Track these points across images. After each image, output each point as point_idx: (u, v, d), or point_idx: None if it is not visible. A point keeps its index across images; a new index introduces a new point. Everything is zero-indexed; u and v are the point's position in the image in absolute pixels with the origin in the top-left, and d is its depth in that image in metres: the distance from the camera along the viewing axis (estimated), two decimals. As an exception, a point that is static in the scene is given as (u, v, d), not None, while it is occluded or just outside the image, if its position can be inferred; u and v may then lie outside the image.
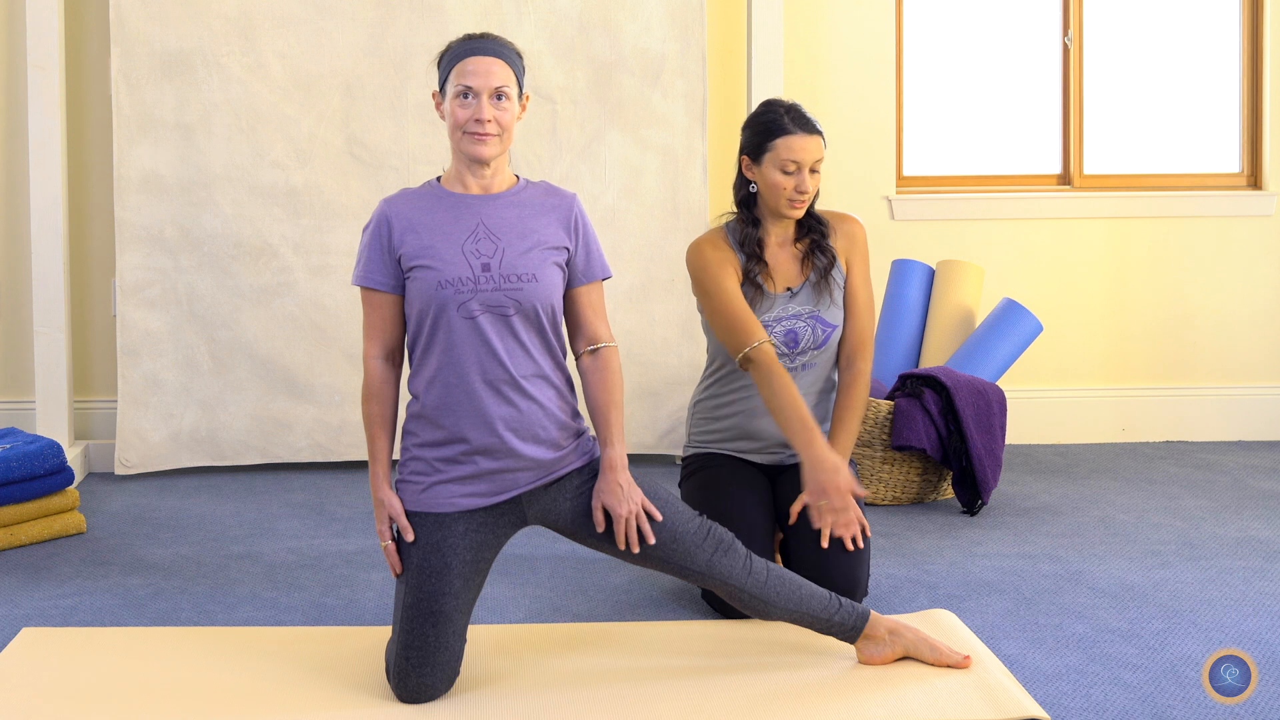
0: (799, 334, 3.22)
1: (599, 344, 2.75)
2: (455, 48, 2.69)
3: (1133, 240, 4.99)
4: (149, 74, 4.45)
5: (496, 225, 2.68)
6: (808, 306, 3.24)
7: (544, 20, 4.54)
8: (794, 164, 3.16)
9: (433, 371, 2.64)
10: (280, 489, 4.34)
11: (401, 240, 2.65)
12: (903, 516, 4.03)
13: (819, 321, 3.23)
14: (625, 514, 2.67)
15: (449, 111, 2.67)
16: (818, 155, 3.18)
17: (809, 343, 3.23)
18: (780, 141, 3.16)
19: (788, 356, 3.22)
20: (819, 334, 3.23)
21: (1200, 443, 4.97)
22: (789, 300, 3.24)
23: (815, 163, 3.18)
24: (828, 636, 2.81)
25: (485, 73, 2.64)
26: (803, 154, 3.16)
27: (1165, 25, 5.06)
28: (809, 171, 3.18)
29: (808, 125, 3.18)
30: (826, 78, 4.86)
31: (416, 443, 2.68)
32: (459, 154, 2.70)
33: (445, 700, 2.62)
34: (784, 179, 3.17)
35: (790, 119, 3.17)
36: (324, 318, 4.54)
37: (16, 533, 3.67)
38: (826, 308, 3.25)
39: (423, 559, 2.62)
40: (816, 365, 3.26)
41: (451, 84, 2.66)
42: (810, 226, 3.29)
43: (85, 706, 2.59)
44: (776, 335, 3.21)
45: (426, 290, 2.62)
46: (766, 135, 3.19)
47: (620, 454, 2.70)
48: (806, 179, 3.18)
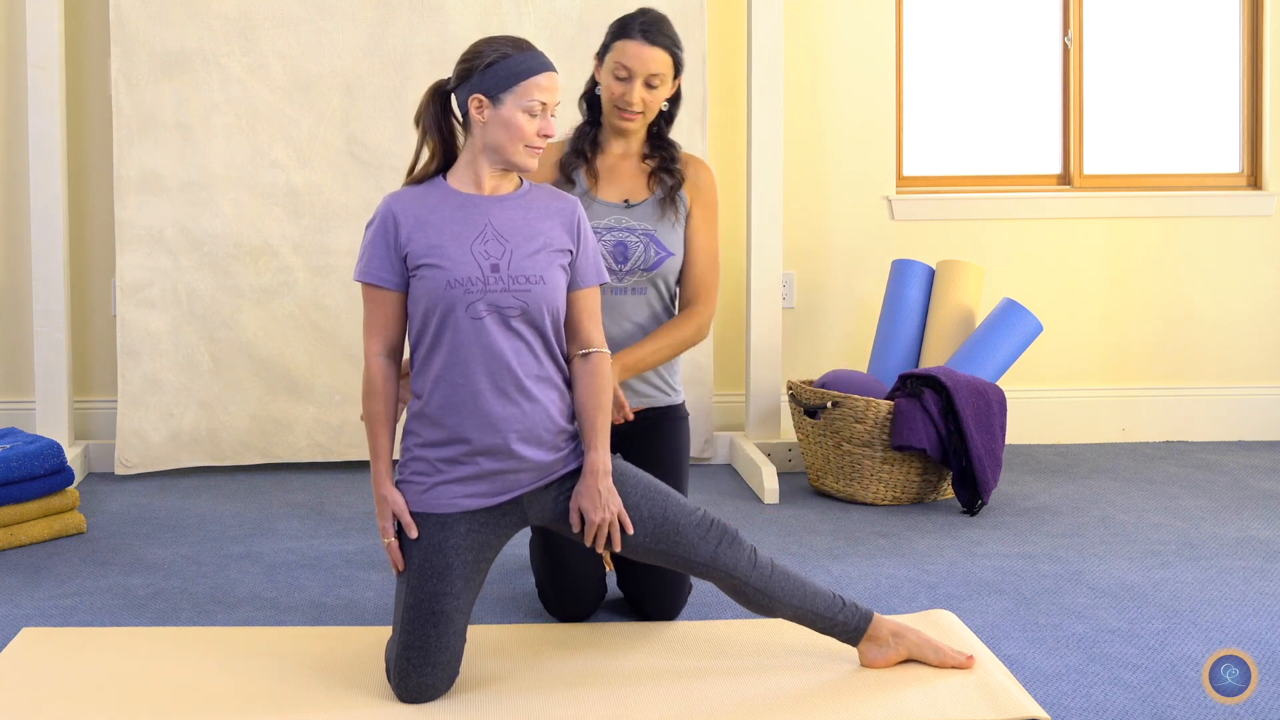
0: (629, 248, 3.07)
1: (591, 348, 2.75)
2: (520, 59, 2.64)
3: (1133, 240, 4.99)
4: (149, 74, 4.45)
5: (504, 226, 2.68)
6: (644, 224, 3.09)
7: (544, 20, 4.54)
8: (625, 70, 3.03)
9: (437, 371, 2.64)
10: (280, 489, 4.34)
11: (409, 238, 2.65)
12: (903, 516, 4.03)
13: (653, 241, 3.07)
14: (598, 520, 2.67)
15: (508, 121, 2.63)
16: (655, 69, 3.01)
17: (639, 261, 3.07)
18: (618, 44, 3.05)
19: (615, 274, 3.05)
20: (651, 254, 3.07)
21: (1200, 443, 4.97)
22: (623, 211, 3.09)
23: (652, 77, 3.02)
24: (828, 637, 2.80)
25: (555, 89, 2.66)
26: (635, 62, 3.01)
27: (1165, 25, 5.06)
28: (644, 85, 3.03)
29: (651, 34, 3.02)
30: (826, 78, 4.86)
31: (418, 443, 2.68)
32: (498, 160, 2.68)
33: (445, 700, 2.62)
34: (614, 84, 3.05)
35: (639, 24, 3.03)
36: (324, 318, 4.54)
37: (16, 533, 3.67)
38: (666, 232, 3.09)
39: (424, 559, 2.62)
40: (647, 293, 3.10)
41: (521, 96, 2.63)
42: (662, 146, 3.13)
43: (85, 706, 2.59)
44: (605, 245, 3.05)
45: (434, 289, 2.62)
46: (611, 36, 3.07)
47: (603, 459, 2.69)
48: (636, 90, 3.02)
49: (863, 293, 4.89)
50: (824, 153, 4.87)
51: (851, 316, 4.91)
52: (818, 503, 4.19)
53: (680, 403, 3.20)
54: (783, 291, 4.66)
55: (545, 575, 3.05)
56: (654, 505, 2.71)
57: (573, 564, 2.99)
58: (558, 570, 3.01)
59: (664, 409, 3.16)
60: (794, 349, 4.84)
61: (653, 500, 2.72)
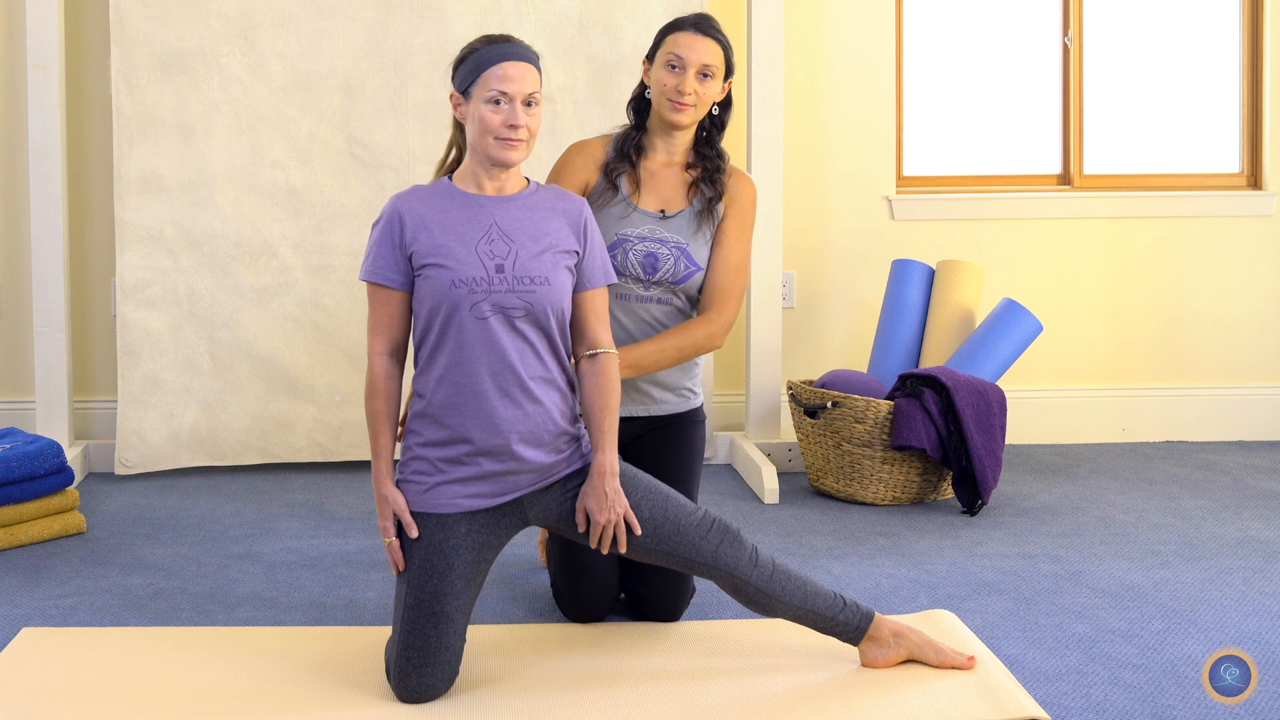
0: (659, 260, 3.05)
1: (599, 349, 2.75)
2: (484, 52, 2.67)
3: (1133, 240, 4.99)
4: (149, 74, 4.45)
5: (510, 226, 2.68)
6: (678, 236, 3.07)
7: (544, 20, 4.54)
8: (678, 59, 3.02)
9: (441, 371, 2.64)
10: (280, 489, 4.34)
11: (414, 237, 2.65)
12: (903, 516, 4.03)
13: (684, 255, 3.05)
14: (604, 521, 2.67)
15: (477, 115, 2.66)
16: (708, 59, 3.02)
17: (668, 274, 3.05)
18: (670, 36, 3.06)
19: (641, 283, 3.05)
20: (681, 268, 3.05)
21: (1200, 443, 4.97)
22: (658, 222, 3.07)
23: (705, 67, 3.02)
24: (829, 638, 2.80)
25: (520, 79, 2.65)
26: (689, 51, 3.02)
27: (1165, 25, 5.06)
28: (697, 75, 3.03)
29: (704, 28, 3.04)
30: (826, 78, 4.86)
31: (420, 442, 2.68)
32: (481, 157, 2.69)
33: (445, 700, 2.62)
34: (666, 75, 3.04)
35: (691, 19, 3.07)
36: (324, 317, 4.54)
37: (16, 533, 3.67)
38: (699, 246, 3.07)
39: (425, 559, 2.62)
40: (671, 305, 3.09)
41: (481, 88, 2.65)
42: (707, 156, 3.13)
43: (85, 706, 2.59)
44: (636, 254, 3.04)
45: (439, 289, 2.62)
46: (663, 33, 3.09)
47: (611, 460, 2.70)
48: (690, 80, 3.01)
49: (863, 293, 4.89)
50: (824, 153, 4.87)
51: (851, 316, 4.91)
52: (818, 503, 4.19)
53: (698, 405, 3.20)
54: (783, 291, 4.67)
55: (562, 577, 3.04)
56: (655, 505, 2.71)
57: (591, 567, 2.99)
58: (576, 572, 3.00)
59: (681, 414, 3.17)
60: (794, 349, 4.84)
61: (653, 500, 2.72)
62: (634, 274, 3.04)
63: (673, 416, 3.15)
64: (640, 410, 3.11)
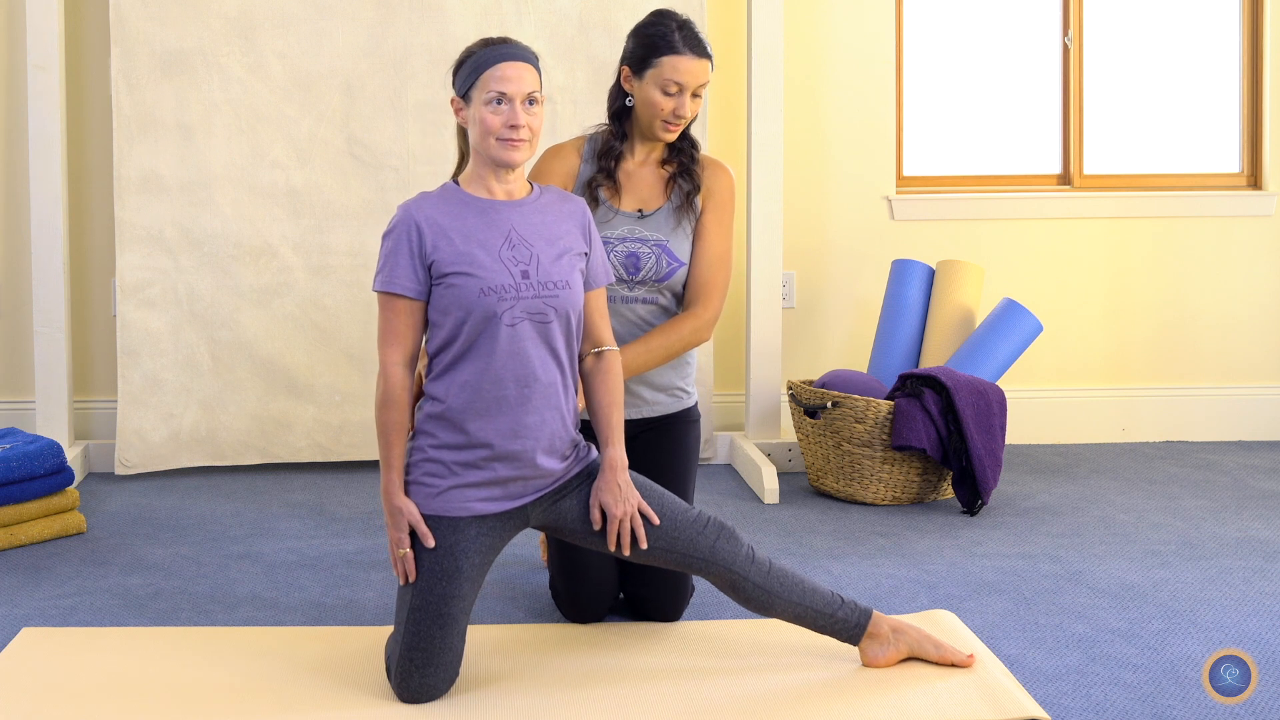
0: (641, 260, 3.05)
1: (603, 347, 2.76)
2: (482, 54, 2.67)
3: (1133, 240, 4.99)
4: (149, 74, 4.45)
5: (527, 231, 2.67)
6: (657, 234, 3.07)
7: (544, 20, 4.54)
8: (677, 85, 3.01)
9: (466, 376, 2.62)
10: (280, 489, 4.34)
11: (435, 246, 2.62)
12: (903, 516, 4.03)
13: (665, 252, 3.05)
14: (620, 514, 2.67)
15: (477, 118, 2.65)
16: (703, 79, 3.02)
17: (651, 272, 3.05)
18: (667, 60, 3.01)
19: (626, 284, 3.05)
20: (663, 265, 3.05)
21: (1200, 443, 4.97)
22: (637, 221, 3.07)
23: (699, 87, 3.04)
24: (828, 637, 2.80)
25: (519, 78, 2.64)
26: (688, 76, 3.00)
27: (1165, 25, 5.06)
28: (691, 95, 3.03)
29: (698, 47, 3.02)
30: (826, 78, 4.86)
31: (433, 444, 2.66)
32: (485, 159, 2.68)
33: (445, 700, 2.62)
34: (663, 99, 3.02)
35: (682, 36, 3.02)
36: (324, 318, 4.54)
37: (16, 533, 3.67)
38: (679, 242, 3.07)
39: (435, 562, 2.62)
40: (656, 304, 3.09)
41: (481, 90, 2.64)
42: (681, 149, 3.12)
43: (85, 706, 2.59)
44: (617, 256, 3.04)
45: (467, 298, 2.60)
46: (653, 50, 3.03)
47: (620, 455, 2.71)
48: (687, 103, 3.02)
49: (863, 293, 4.89)
50: (824, 153, 4.87)
51: (851, 316, 4.91)
52: (818, 503, 4.19)
53: (692, 405, 3.19)
54: (783, 291, 4.67)
55: (560, 578, 3.04)
56: (651, 502, 2.72)
57: (588, 567, 2.99)
58: (573, 573, 3.00)
59: (675, 414, 3.17)
60: (794, 349, 4.84)
61: (650, 498, 2.72)
62: (617, 275, 3.05)
63: (666, 417, 3.15)
64: (633, 412, 3.10)
